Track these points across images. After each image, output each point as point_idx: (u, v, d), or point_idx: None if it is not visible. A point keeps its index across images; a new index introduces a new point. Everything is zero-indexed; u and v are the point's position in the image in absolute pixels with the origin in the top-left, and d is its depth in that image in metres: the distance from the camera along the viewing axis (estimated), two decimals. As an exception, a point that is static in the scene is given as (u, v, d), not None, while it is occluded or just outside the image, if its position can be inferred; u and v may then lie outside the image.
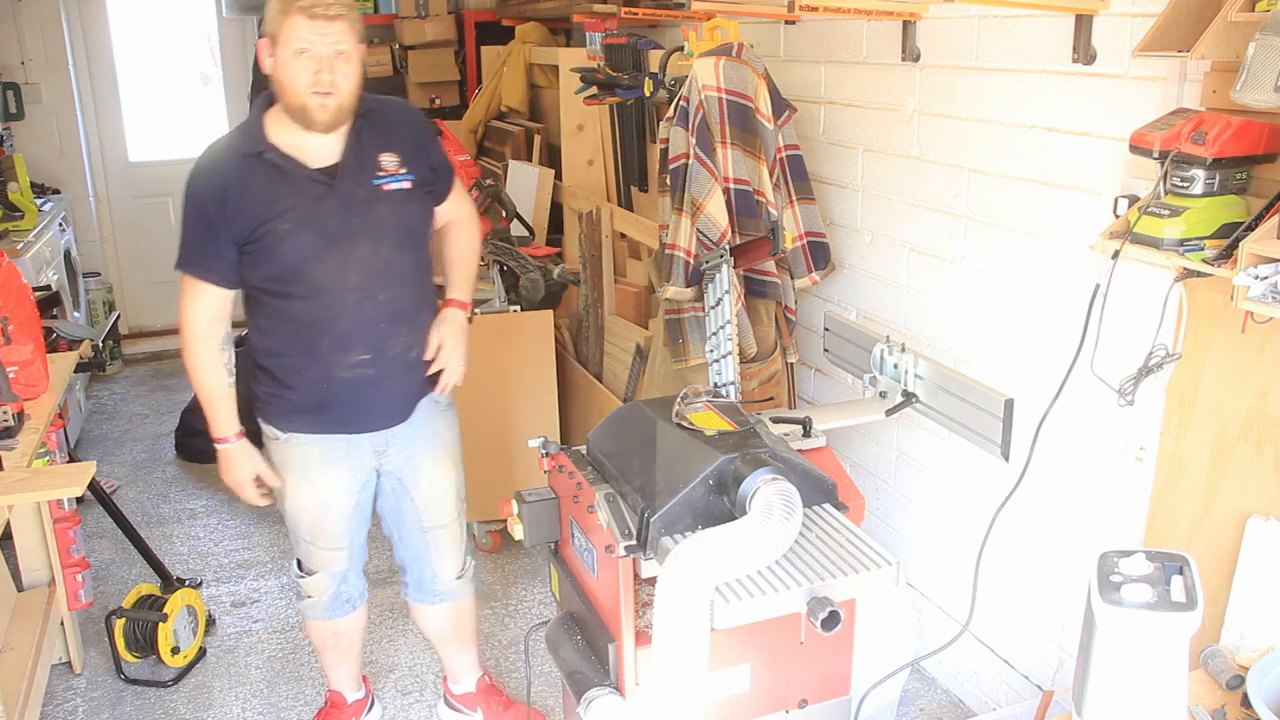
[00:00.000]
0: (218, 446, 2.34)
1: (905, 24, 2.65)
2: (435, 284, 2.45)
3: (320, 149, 2.18)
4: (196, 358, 2.28)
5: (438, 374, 2.40)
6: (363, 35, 2.15)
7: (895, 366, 2.33)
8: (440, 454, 2.47)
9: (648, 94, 3.37)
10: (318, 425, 2.35)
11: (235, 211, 2.16)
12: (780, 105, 2.85)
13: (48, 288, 4.28)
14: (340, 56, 2.08)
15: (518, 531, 2.09)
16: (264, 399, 2.37)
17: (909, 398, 2.30)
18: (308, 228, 2.17)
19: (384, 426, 2.38)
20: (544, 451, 2.13)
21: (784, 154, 2.89)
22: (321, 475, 2.38)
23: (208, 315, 2.26)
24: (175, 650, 3.01)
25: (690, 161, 2.81)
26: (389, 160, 2.23)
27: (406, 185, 2.24)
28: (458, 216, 2.47)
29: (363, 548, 2.55)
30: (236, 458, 2.36)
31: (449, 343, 2.37)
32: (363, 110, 2.20)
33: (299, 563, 2.55)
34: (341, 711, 2.76)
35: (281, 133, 2.17)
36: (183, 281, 2.26)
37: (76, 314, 5.14)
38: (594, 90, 3.71)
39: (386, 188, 2.22)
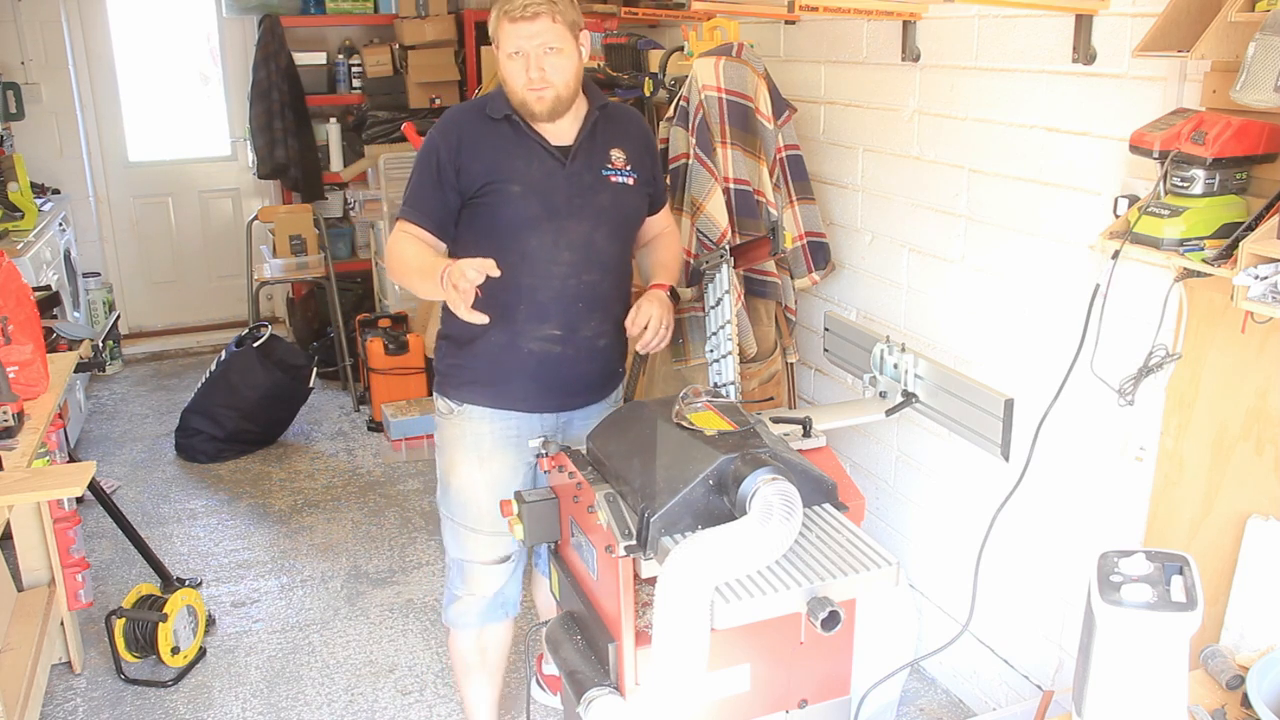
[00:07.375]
0: (443, 273, 2.11)
1: (905, 24, 2.65)
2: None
3: (558, 130, 2.26)
4: (403, 250, 2.25)
5: (621, 363, 2.47)
6: (577, 25, 2.20)
7: (895, 366, 2.33)
8: None
9: (648, 94, 3.36)
10: (495, 399, 2.34)
11: (468, 165, 2.25)
12: (780, 105, 2.85)
13: (48, 288, 4.28)
14: (549, 52, 2.16)
15: (518, 531, 2.09)
16: (443, 370, 2.40)
17: (909, 398, 2.30)
18: (534, 195, 2.25)
19: (558, 409, 2.38)
20: (544, 451, 2.13)
21: (784, 154, 2.89)
22: (493, 455, 2.35)
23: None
24: (175, 650, 3.01)
25: (690, 161, 2.81)
26: (618, 155, 2.33)
27: (629, 181, 2.33)
28: (665, 229, 2.55)
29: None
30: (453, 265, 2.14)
31: (655, 312, 2.33)
32: (600, 104, 2.30)
33: (456, 569, 2.45)
34: None
35: None
36: (396, 226, 2.29)
37: (76, 314, 5.14)
38: (594, 90, 3.71)
39: (613, 179, 2.31)
